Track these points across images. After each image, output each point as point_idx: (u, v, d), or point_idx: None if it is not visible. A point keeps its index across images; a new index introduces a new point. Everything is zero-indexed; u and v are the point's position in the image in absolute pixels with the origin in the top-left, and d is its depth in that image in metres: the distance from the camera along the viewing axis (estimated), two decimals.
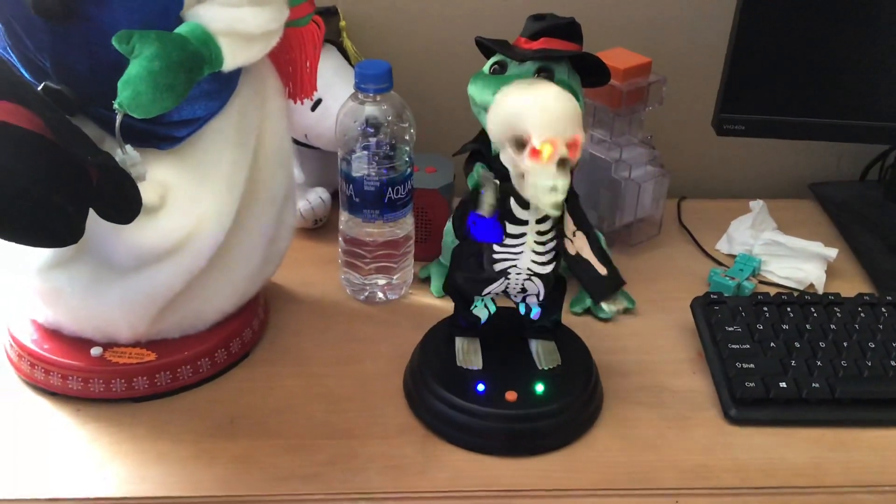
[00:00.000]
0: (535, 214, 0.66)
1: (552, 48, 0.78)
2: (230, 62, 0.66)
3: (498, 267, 0.68)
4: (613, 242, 0.94)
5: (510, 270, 0.68)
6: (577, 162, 0.62)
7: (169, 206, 0.68)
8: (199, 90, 0.67)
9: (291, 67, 0.78)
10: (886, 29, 0.88)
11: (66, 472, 0.67)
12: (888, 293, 0.84)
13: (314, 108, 0.90)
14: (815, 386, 0.73)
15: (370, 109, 0.80)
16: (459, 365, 0.73)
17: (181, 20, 0.65)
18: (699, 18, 1.02)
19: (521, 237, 0.66)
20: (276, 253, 0.80)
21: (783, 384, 0.73)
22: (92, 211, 0.62)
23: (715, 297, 0.83)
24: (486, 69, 0.80)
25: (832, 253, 0.92)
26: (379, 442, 0.70)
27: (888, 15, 0.87)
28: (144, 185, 0.65)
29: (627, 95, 0.89)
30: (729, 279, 0.88)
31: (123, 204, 0.63)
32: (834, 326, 0.79)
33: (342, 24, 0.98)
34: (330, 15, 0.97)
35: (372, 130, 0.80)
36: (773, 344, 0.77)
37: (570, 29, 0.80)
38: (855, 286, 0.90)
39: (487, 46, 0.80)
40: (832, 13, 0.87)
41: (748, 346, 0.77)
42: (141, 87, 0.60)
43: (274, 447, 0.69)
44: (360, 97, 0.80)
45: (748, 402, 0.73)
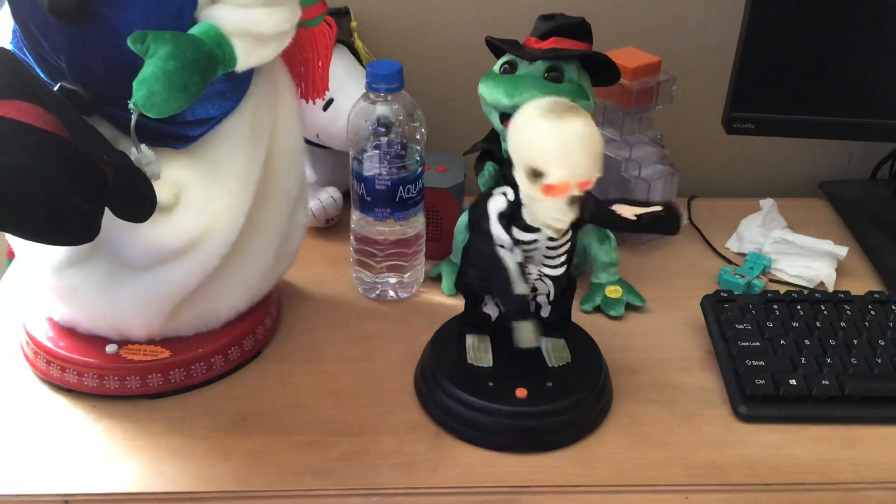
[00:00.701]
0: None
1: (562, 48, 0.79)
2: (243, 62, 0.67)
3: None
4: (624, 241, 0.94)
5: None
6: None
7: (183, 204, 0.69)
8: (212, 90, 0.67)
9: (304, 67, 0.79)
10: None
11: (81, 467, 0.68)
12: None
13: (326, 107, 0.91)
14: (824, 383, 0.73)
15: (381, 109, 0.80)
16: (470, 362, 0.73)
17: (195, 21, 0.66)
18: (708, 17, 1.02)
19: (533, 243, 0.66)
20: (288, 251, 0.81)
21: (793, 381, 0.73)
22: (107, 209, 0.63)
23: (725, 294, 0.83)
24: (496, 69, 0.80)
25: (842, 251, 0.92)
26: (390, 438, 0.71)
27: None
28: (159, 183, 0.65)
29: (637, 94, 0.89)
30: (739, 277, 0.88)
31: (138, 202, 0.64)
32: (844, 324, 0.79)
33: (354, 24, 0.98)
34: (341, 15, 0.98)
35: (383, 130, 0.80)
36: (782, 341, 0.77)
37: (579, 28, 0.80)
38: (865, 284, 0.90)
39: (498, 46, 0.81)
40: (842, 11, 0.87)
41: (758, 343, 0.77)
42: (155, 86, 0.61)
43: (287, 443, 0.70)
44: (371, 97, 0.80)
45: (758, 399, 0.73)
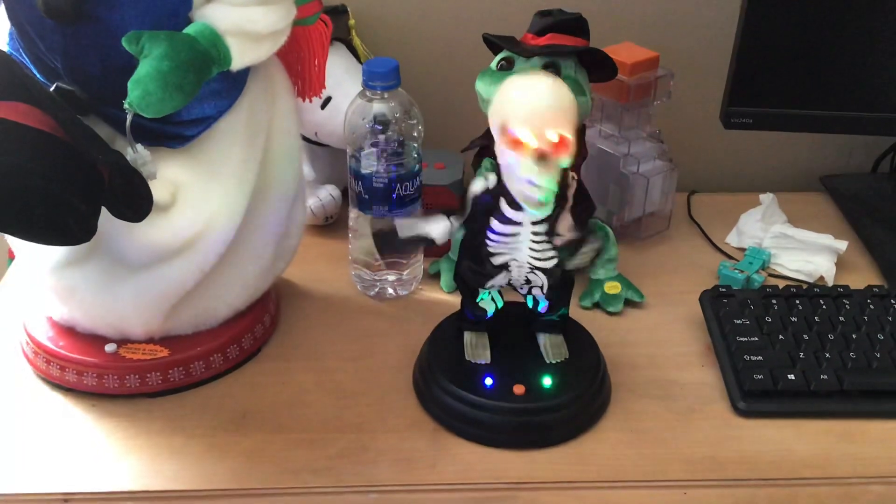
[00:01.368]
0: (528, 216, 0.64)
1: (559, 44, 0.79)
2: (238, 61, 0.67)
3: (496, 261, 0.68)
4: (623, 237, 0.94)
5: (510, 263, 0.68)
6: (573, 166, 0.60)
7: (180, 203, 0.69)
8: (208, 89, 0.67)
9: (300, 66, 0.79)
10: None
11: (81, 466, 0.68)
12: None
13: (324, 105, 0.91)
14: (823, 378, 0.73)
15: (378, 107, 0.80)
16: (468, 359, 0.73)
17: (190, 20, 0.66)
18: (706, 12, 1.01)
19: (514, 236, 0.66)
20: (286, 250, 0.81)
21: (791, 376, 0.73)
22: (104, 209, 0.63)
23: (723, 290, 0.83)
24: (493, 65, 0.80)
25: (842, 245, 0.92)
26: (389, 435, 0.71)
27: None
28: (155, 183, 0.65)
29: (635, 90, 0.89)
30: (738, 272, 0.88)
31: (135, 202, 0.64)
32: (843, 318, 0.78)
33: (351, 22, 0.98)
34: (339, 13, 0.98)
35: (380, 128, 0.80)
36: (781, 336, 0.77)
37: (576, 24, 0.80)
38: (865, 278, 0.90)
39: (495, 43, 0.80)
40: (840, 4, 0.86)
41: (756, 338, 0.77)
42: (150, 86, 0.61)
43: (285, 441, 0.70)
44: (368, 94, 0.80)
45: (756, 394, 0.73)
